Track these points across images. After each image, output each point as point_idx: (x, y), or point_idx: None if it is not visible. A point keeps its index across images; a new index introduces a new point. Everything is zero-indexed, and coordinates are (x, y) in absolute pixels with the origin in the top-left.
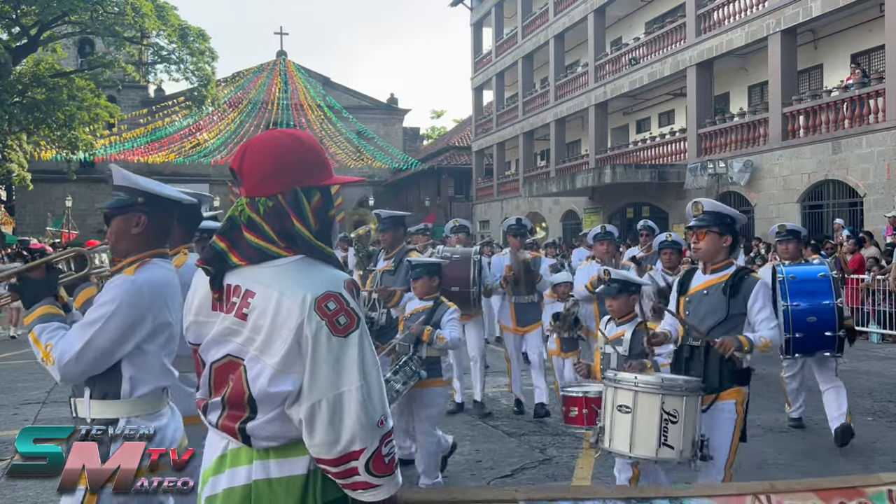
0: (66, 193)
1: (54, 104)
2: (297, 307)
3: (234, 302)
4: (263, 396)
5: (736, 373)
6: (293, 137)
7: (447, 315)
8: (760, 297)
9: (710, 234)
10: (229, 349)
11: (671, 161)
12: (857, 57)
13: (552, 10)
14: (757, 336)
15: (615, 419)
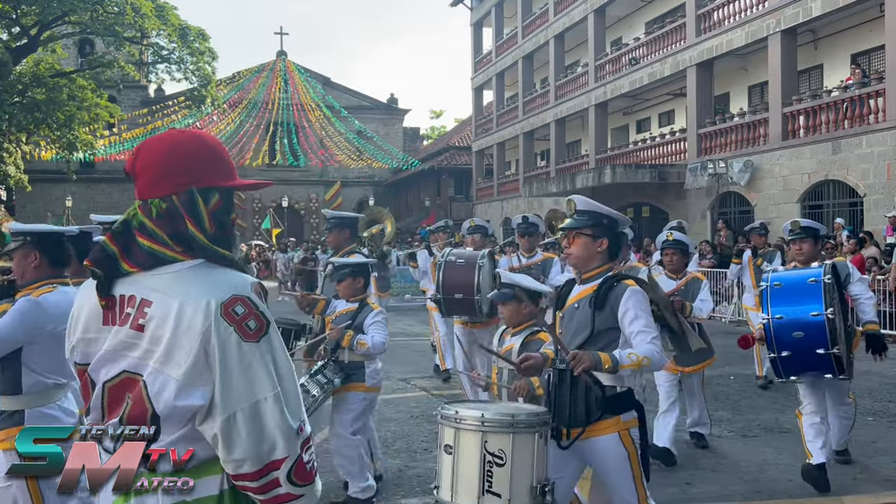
0: (66, 193)
1: (54, 104)
2: (202, 314)
3: (129, 313)
4: (169, 412)
5: (606, 400)
6: (192, 136)
7: (370, 318)
8: (631, 306)
9: (582, 236)
10: (125, 365)
11: (671, 161)
12: (857, 57)
13: (552, 10)
14: (625, 353)
15: (441, 461)
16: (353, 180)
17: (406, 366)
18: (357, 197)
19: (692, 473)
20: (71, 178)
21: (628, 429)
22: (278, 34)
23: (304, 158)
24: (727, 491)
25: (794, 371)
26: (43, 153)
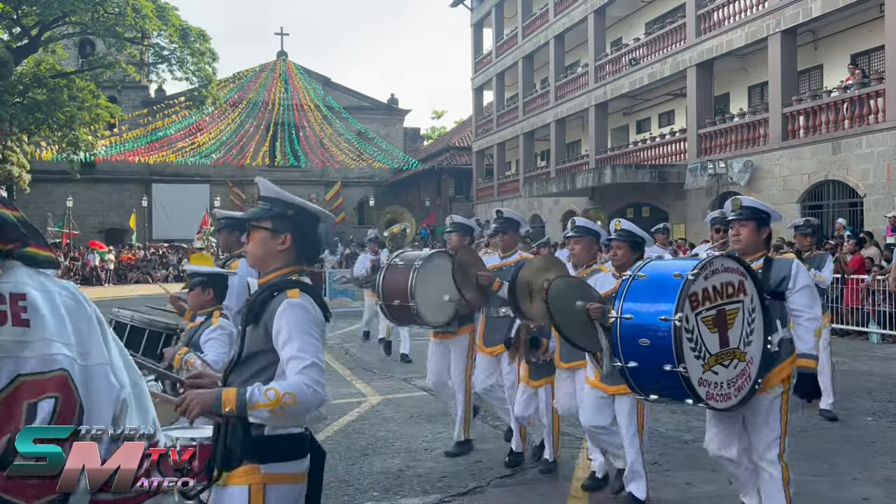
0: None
1: (55, 105)
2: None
3: (3, 310)
4: None
5: (250, 441)
6: None
7: (206, 334)
8: (285, 324)
9: (259, 230)
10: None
11: (671, 161)
12: (856, 57)
13: (552, 10)
14: (263, 388)
15: None
16: (354, 180)
17: (406, 366)
18: (357, 197)
19: (692, 473)
20: (74, 178)
21: (266, 483)
22: (278, 34)
23: (305, 159)
24: (727, 491)
25: (649, 388)
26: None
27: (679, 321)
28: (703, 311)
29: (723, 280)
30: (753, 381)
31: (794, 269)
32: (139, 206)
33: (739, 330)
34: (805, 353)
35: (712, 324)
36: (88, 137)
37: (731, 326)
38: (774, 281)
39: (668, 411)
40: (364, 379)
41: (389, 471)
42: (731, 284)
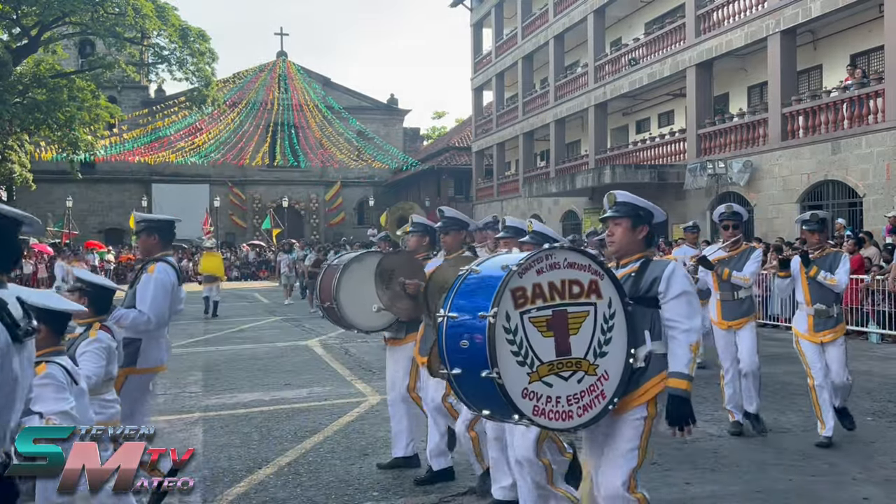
0: (67, 194)
1: (55, 105)
2: None
3: None
4: None
5: None
6: None
7: (82, 347)
8: None
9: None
10: None
11: (671, 161)
12: (856, 57)
13: (552, 10)
14: None
15: None
16: (353, 180)
17: None
18: (357, 197)
19: (692, 473)
20: (76, 178)
21: None
22: (278, 35)
23: (304, 159)
24: (727, 491)
25: (477, 399)
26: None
27: (494, 317)
28: (532, 311)
29: (565, 277)
30: (608, 401)
31: (669, 271)
32: (139, 207)
33: (588, 338)
34: (677, 371)
35: (545, 326)
36: (88, 137)
37: (574, 332)
38: (645, 284)
39: None
40: (364, 379)
41: (389, 471)
42: (579, 284)
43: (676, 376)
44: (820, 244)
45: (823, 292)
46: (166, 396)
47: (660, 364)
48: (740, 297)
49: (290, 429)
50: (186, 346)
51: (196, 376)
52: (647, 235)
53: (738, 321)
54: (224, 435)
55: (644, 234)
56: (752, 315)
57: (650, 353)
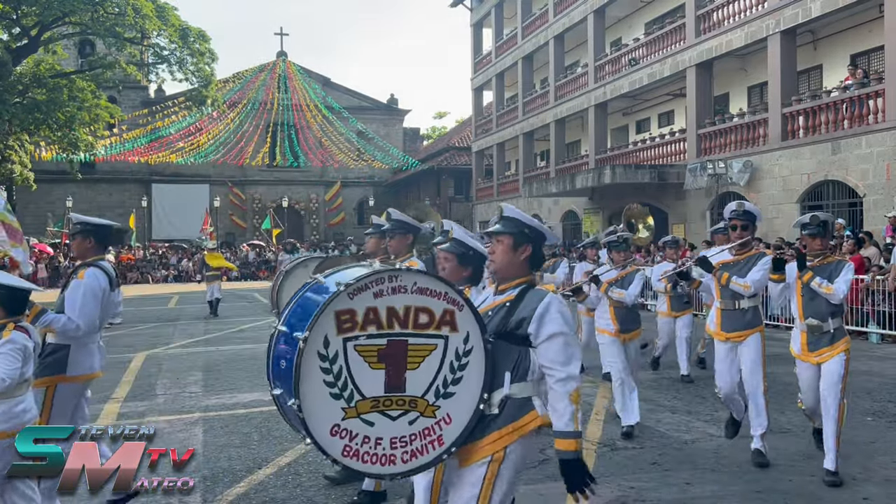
0: (67, 194)
1: (55, 105)
2: None
3: None
4: None
5: None
6: None
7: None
8: None
9: None
10: None
11: (671, 161)
12: (856, 57)
13: (552, 10)
14: None
15: None
16: (353, 180)
17: None
18: (357, 197)
19: (692, 473)
20: (76, 178)
21: None
22: (278, 35)
23: (305, 159)
24: (727, 491)
25: (299, 427)
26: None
27: (305, 342)
28: (360, 338)
29: (411, 303)
30: (445, 448)
31: (543, 308)
32: (139, 207)
33: (431, 375)
34: (561, 431)
35: (376, 357)
36: (88, 137)
37: (413, 367)
38: (515, 320)
39: (668, 411)
40: None
41: None
42: (428, 312)
43: (562, 436)
44: (822, 250)
45: (817, 304)
46: (166, 396)
47: (516, 410)
48: (742, 306)
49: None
50: (186, 346)
51: (196, 376)
52: (529, 257)
53: (739, 333)
54: (224, 435)
55: (526, 254)
56: (756, 327)
57: (506, 398)
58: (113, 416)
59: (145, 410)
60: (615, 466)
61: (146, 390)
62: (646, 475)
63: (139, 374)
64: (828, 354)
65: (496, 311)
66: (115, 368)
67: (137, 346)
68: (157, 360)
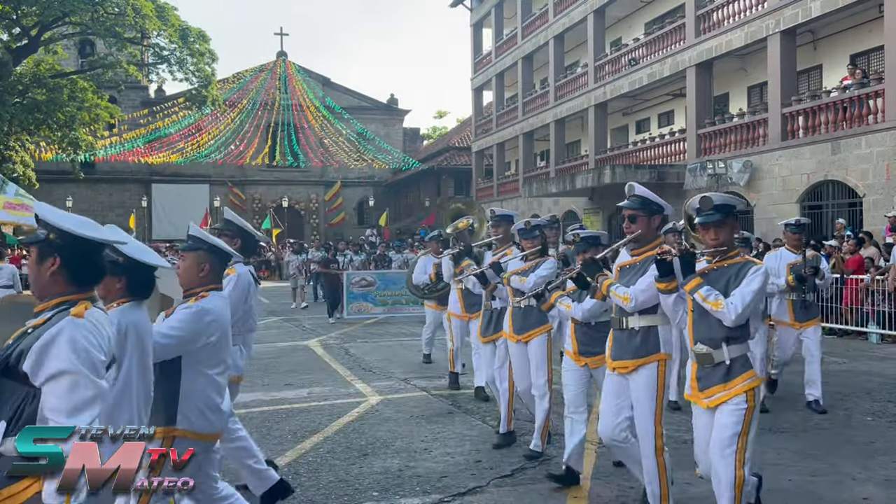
0: (67, 194)
1: (55, 105)
2: None
3: None
4: None
5: None
6: None
7: None
8: None
9: None
10: None
11: (671, 161)
12: (856, 57)
13: (552, 10)
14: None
15: None
16: (353, 180)
17: (406, 366)
18: (357, 197)
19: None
20: (77, 178)
21: None
22: (278, 35)
23: (305, 159)
24: None
25: None
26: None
27: None
28: None
29: None
30: None
31: (48, 338)
32: (139, 207)
33: None
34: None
35: None
36: (88, 138)
37: None
38: (16, 351)
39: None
40: (364, 379)
41: (389, 471)
42: None
43: None
44: (719, 246)
45: (709, 323)
46: None
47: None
48: (632, 325)
49: (290, 429)
50: None
51: None
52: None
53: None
54: None
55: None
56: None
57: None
58: None
59: None
60: (615, 466)
61: None
62: None
63: None
64: (720, 396)
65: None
66: None
67: None
68: None
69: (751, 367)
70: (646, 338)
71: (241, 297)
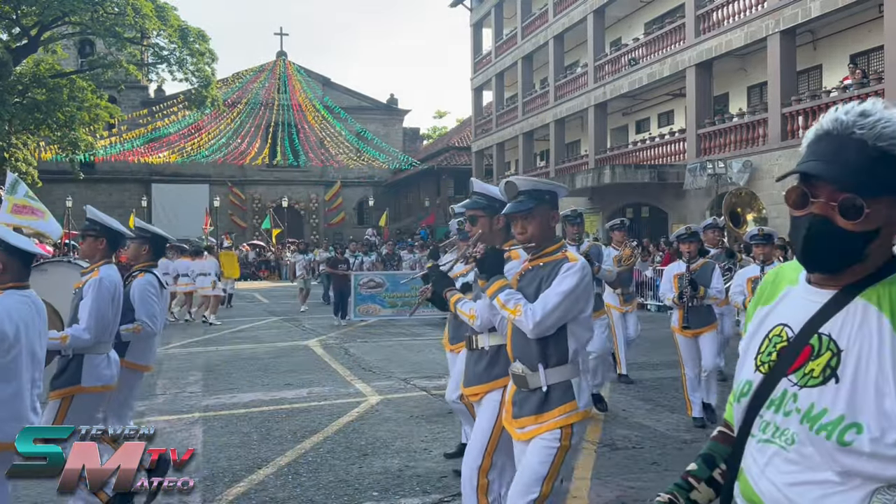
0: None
1: (54, 105)
2: None
3: None
4: None
5: None
6: None
7: None
8: None
9: None
10: None
11: (670, 161)
12: (856, 57)
13: (552, 10)
14: None
15: None
16: (353, 180)
17: (406, 366)
18: (357, 197)
19: None
20: (74, 178)
21: None
22: (278, 35)
23: (305, 158)
24: None
25: None
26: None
27: None
28: None
29: None
30: None
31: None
32: (139, 207)
33: None
34: None
35: None
36: (88, 138)
37: None
38: None
39: (667, 411)
40: (364, 379)
41: (389, 471)
42: None
43: None
44: (527, 241)
45: (524, 338)
46: (166, 396)
47: None
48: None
49: (290, 429)
50: (186, 346)
51: (196, 376)
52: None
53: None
54: (224, 435)
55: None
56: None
57: None
58: None
59: (145, 410)
60: (615, 466)
61: (145, 390)
62: (646, 475)
63: None
64: (532, 429)
65: None
66: None
67: None
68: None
69: (572, 399)
70: (495, 359)
71: (106, 302)
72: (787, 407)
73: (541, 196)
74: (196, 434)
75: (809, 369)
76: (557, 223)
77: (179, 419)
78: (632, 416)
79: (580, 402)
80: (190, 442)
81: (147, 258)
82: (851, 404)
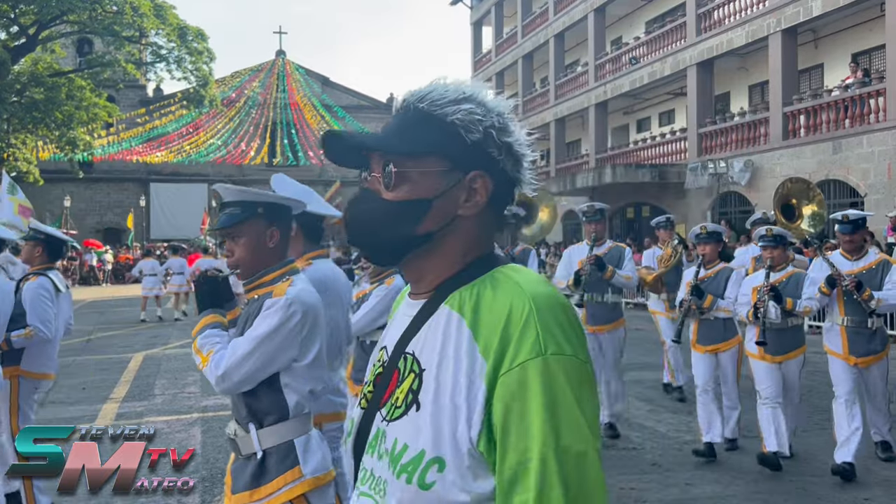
0: (65, 193)
1: (53, 104)
2: None
3: None
4: None
5: None
6: None
7: None
8: None
9: None
10: None
11: (671, 161)
12: (857, 56)
13: (552, 9)
14: None
15: None
16: (353, 180)
17: None
18: None
19: (692, 474)
20: (73, 178)
21: None
22: (277, 33)
23: (304, 157)
24: (727, 491)
25: None
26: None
27: None
28: None
29: None
30: None
31: None
32: (137, 206)
33: None
34: None
35: None
36: (86, 137)
37: None
38: None
39: (668, 411)
40: None
41: None
42: None
43: None
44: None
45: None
46: (165, 397)
47: None
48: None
49: None
50: (185, 347)
51: (195, 376)
52: None
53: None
54: (222, 435)
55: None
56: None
57: None
58: (111, 416)
59: (144, 411)
60: (615, 466)
61: (144, 390)
62: (646, 475)
63: (138, 375)
64: None
65: None
66: (113, 369)
67: (136, 346)
68: (156, 360)
69: (296, 464)
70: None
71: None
72: (380, 449)
73: (251, 209)
74: (195, 434)
75: (395, 398)
76: (278, 242)
77: (178, 419)
78: (632, 416)
79: (307, 467)
80: (189, 442)
81: (42, 260)
82: (435, 435)
